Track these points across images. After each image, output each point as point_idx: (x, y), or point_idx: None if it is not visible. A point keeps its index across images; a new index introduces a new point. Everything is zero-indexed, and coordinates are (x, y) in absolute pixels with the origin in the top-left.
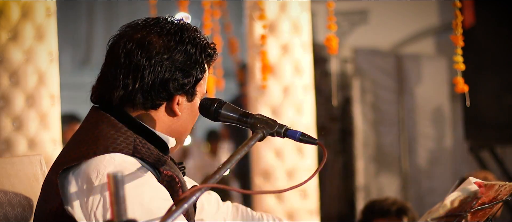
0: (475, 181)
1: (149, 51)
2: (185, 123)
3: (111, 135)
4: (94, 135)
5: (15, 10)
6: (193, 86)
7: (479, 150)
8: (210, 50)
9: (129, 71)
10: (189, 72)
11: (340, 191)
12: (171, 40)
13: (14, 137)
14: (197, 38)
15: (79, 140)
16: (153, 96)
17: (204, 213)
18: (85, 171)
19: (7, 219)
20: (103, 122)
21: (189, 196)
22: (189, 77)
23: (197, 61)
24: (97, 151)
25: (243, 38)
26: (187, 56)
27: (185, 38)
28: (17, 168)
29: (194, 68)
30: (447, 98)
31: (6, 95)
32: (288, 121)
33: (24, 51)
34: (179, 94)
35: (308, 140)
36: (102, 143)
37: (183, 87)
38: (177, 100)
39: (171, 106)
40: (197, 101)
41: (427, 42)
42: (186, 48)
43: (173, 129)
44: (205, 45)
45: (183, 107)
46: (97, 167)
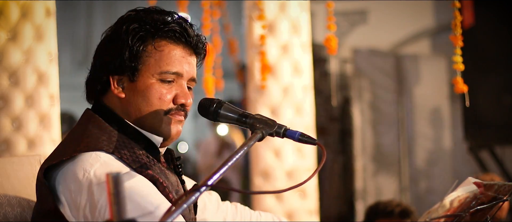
0: (474, 181)
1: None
2: (136, 106)
3: (94, 134)
4: (80, 135)
5: (14, 10)
6: (129, 64)
7: (478, 150)
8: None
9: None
10: (115, 50)
11: (340, 191)
12: (112, 26)
13: (14, 137)
14: (134, 16)
15: (67, 141)
16: (95, 83)
17: (206, 212)
18: (72, 170)
19: (6, 219)
20: (90, 122)
21: (189, 196)
22: (117, 56)
23: (125, 37)
24: (82, 149)
25: (243, 39)
26: (115, 35)
27: (123, 19)
28: (16, 168)
29: (121, 45)
30: (447, 98)
31: (5, 95)
32: (287, 121)
33: (23, 51)
34: (113, 74)
35: (307, 140)
36: (85, 141)
37: (114, 67)
38: (113, 81)
39: (111, 89)
40: (145, 82)
41: (426, 42)
42: (117, 28)
43: (128, 113)
44: (143, 21)
45: (127, 88)
46: (83, 165)
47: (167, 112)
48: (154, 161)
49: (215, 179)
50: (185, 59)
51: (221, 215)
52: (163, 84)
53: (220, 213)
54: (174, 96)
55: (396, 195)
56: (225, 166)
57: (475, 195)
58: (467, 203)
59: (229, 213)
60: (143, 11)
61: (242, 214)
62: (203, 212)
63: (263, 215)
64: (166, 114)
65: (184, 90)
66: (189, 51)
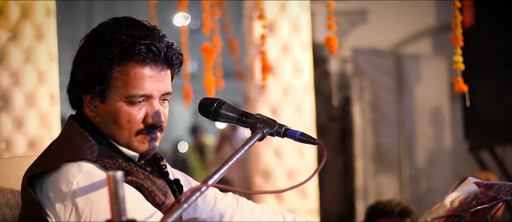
0: (475, 181)
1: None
2: (107, 127)
3: (77, 143)
4: (63, 144)
5: (14, 10)
6: (98, 85)
7: (478, 150)
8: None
9: None
10: (85, 70)
11: (340, 191)
12: (84, 40)
13: (14, 137)
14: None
15: (51, 149)
16: (72, 98)
17: (198, 210)
18: (56, 181)
19: (5, 220)
20: (73, 131)
21: (189, 196)
22: (85, 76)
23: (94, 58)
24: (65, 159)
25: (243, 38)
26: (85, 53)
27: (94, 36)
28: (15, 169)
29: (90, 66)
30: (447, 98)
31: (6, 94)
32: (287, 121)
33: (23, 50)
34: (85, 94)
35: (307, 140)
36: (68, 150)
37: (83, 87)
38: (86, 100)
39: (84, 107)
40: (114, 104)
41: (426, 42)
42: (87, 46)
43: (103, 130)
44: (112, 42)
45: (99, 108)
46: (66, 177)
47: (138, 133)
48: (136, 167)
49: (215, 179)
50: (153, 79)
51: (217, 212)
52: (132, 106)
53: (216, 210)
54: (144, 117)
55: (396, 194)
56: (226, 165)
57: (476, 195)
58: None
59: (227, 209)
60: (110, 30)
61: (243, 209)
62: (194, 210)
63: (266, 210)
64: (138, 134)
65: (154, 110)
66: (159, 68)
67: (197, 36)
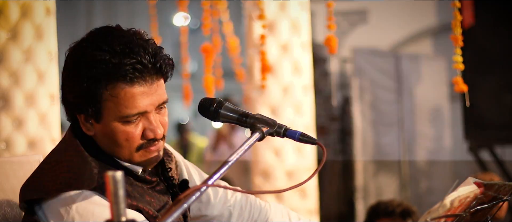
0: (475, 181)
1: (63, 67)
2: (105, 145)
3: (76, 167)
4: (62, 166)
5: (14, 9)
6: (91, 106)
7: (478, 150)
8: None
9: None
10: (76, 91)
11: (340, 190)
12: (72, 54)
13: (14, 136)
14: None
15: (50, 167)
16: (66, 113)
17: (209, 207)
18: (54, 208)
19: (5, 219)
20: (72, 148)
21: (189, 196)
22: (77, 98)
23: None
24: (63, 188)
25: (243, 38)
26: (74, 72)
27: (81, 52)
28: (16, 168)
29: (80, 87)
30: (446, 98)
31: (5, 94)
32: (287, 121)
33: (23, 50)
34: (79, 113)
35: (307, 140)
36: (66, 177)
37: (76, 107)
38: (80, 118)
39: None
40: (110, 125)
41: (426, 42)
42: (77, 63)
43: (103, 147)
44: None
45: (95, 127)
46: (65, 202)
47: (139, 149)
48: (138, 186)
49: (215, 179)
50: (145, 94)
51: (227, 210)
52: (128, 124)
53: (226, 207)
54: (142, 132)
55: (396, 194)
56: (226, 165)
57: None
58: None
59: (237, 207)
60: (91, 49)
61: (252, 207)
62: (206, 207)
63: (273, 208)
64: (139, 150)
65: (152, 125)
66: (149, 81)
67: (197, 36)
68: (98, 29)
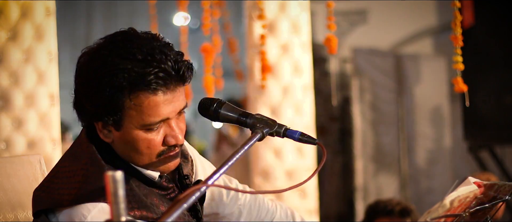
0: (475, 181)
1: (78, 70)
2: (125, 152)
3: (93, 177)
4: (77, 175)
5: (14, 9)
6: (111, 115)
7: (478, 150)
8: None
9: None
10: (96, 100)
11: (339, 190)
12: (91, 59)
13: (14, 136)
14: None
15: (65, 173)
16: (81, 119)
17: (221, 205)
18: (70, 216)
19: (6, 219)
20: (87, 154)
21: (189, 196)
22: (97, 107)
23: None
24: (79, 199)
25: (243, 38)
26: (95, 80)
27: (101, 59)
28: (17, 168)
29: (101, 96)
30: (446, 98)
31: (5, 94)
32: (287, 121)
33: (23, 50)
34: (97, 121)
35: (307, 140)
36: (83, 188)
37: (95, 116)
38: (98, 126)
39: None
40: (132, 133)
41: (426, 42)
42: (97, 70)
43: (121, 154)
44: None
45: (114, 135)
46: (81, 211)
47: (159, 155)
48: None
49: (215, 179)
50: (168, 102)
51: (237, 209)
52: (150, 132)
53: (237, 206)
54: (163, 139)
55: (396, 194)
56: (226, 165)
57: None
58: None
59: (246, 206)
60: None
61: (260, 206)
62: (218, 205)
63: (278, 209)
64: (159, 157)
65: (173, 132)
66: (172, 89)
67: (196, 36)
68: (116, 35)
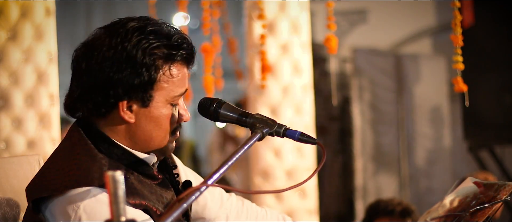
0: (475, 181)
1: (91, 53)
2: (148, 130)
3: (85, 165)
4: (70, 164)
5: (14, 9)
6: (143, 91)
7: (478, 150)
8: (167, 50)
9: (74, 77)
10: (130, 75)
11: (339, 190)
12: (115, 40)
13: (13, 136)
14: (146, 38)
15: (57, 165)
16: (96, 103)
17: (207, 210)
18: (62, 207)
19: (5, 219)
20: (79, 145)
21: (188, 196)
22: (132, 81)
23: (141, 63)
24: (73, 185)
25: (242, 38)
26: (128, 57)
27: (132, 38)
28: (16, 168)
29: (137, 71)
30: (446, 98)
31: (5, 94)
32: (287, 120)
33: (23, 50)
34: (124, 99)
35: (307, 139)
36: (76, 174)
37: (126, 92)
38: (123, 106)
39: (119, 113)
40: (158, 107)
41: (426, 42)
42: (128, 48)
43: (134, 137)
44: (156, 45)
45: (138, 114)
46: (73, 201)
47: (172, 133)
48: (146, 184)
49: (215, 179)
50: (187, 74)
51: (223, 213)
52: (172, 107)
53: (222, 210)
54: (178, 117)
55: (396, 194)
56: (225, 165)
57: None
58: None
59: (233, 211)
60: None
61: (248, 211)
62: (203, 210)
63: (269, 213)
64: (172, 134)
65: (183, 106)
66: (189, 67)
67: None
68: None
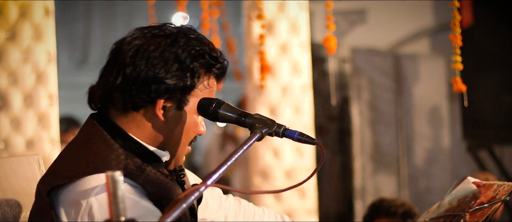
0: (474, 181)
1: (137, 48)
2: (174, 133)
3: (102, 153)
4: (86, 153)
5: (13, 9)
6: (182, 93)
7: (477, 150)
8: (209, 60)
9: (113, 67)
10: (175, 76)
11: (338, 190)
12: (163, 41)
13: (12, 137)
14: (193, 45)
15: (72, 156)
16: (134, 95)
17: (208, 211)
18: (74, 192)
19: (5, 219)
20: (96, 136)
21: (188, 196)
22: (175, 82)
23: (187, 67)
24: (86, 170)
25: (241, 38)
26: (176, 59)
27: (180, 41)
28: (15, 168)
29: (182, 74)
30: (445, 98)
31: (4, 95)
32: (286, 121)
33: (22, 50)
34: (164, 98)
35: (306, 139)
36: (93, 162)
37: (167, 91)
38: (160, 104)
39: (154, 110)
40: (189, 113)
41: (425, 42)
42: (177, 51)
43: (158, 137)
44: (202, 53)
45: (170, 114)
46: (85, 187)
47: (190, 142)
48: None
49: (214, 179)
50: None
51: (222, 213)
52: (198, 119)
53: (221, 210)
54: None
55: (395, 194)
56: (224, 165)
57: (474, 194)
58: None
59: (231, 210)
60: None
61: (245, 211)
62: (204, 211)
63: (266, 212)
64: (190, 143)
65: (202, 121)
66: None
67: None
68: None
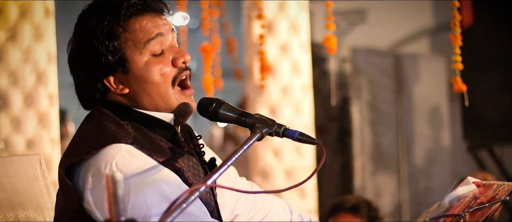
0: (474, 181)
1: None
2: (143, 93)
3: (111, 128)
4: (96, 130)
5: (13, 9)
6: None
7: (477, 150)
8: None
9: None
10: (93, 57)
11: (338, 190)
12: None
13: (13, 136)
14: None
15: (83, 136)
16: (91, 93)
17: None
18: (93, 164)
19: (6, 218)
20: (103, 116)
21: (188, 196)
22: (98, 61)
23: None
24: (101, 143)
25: (242, 38)
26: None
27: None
28: (17, 167)
29: (95, 50)
30: (445, 98)
31: (4, 94)
32: (286, 120)
33: (22, 50)
34: (105, 78)
35: (306, 139)
36: (102, 136)
37: (98, 73)
38: (109, 82)
39: (112, 91)
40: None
41: (425, 42)
42: (79, 36)
43: (139, 102)
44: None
45: (125, 82)
46: (104, 158)
47: (173, 82)
48: (172, 146)
49: (214, 178)
50: (156, 20)
51: (235, 197)
52: (156, 59)
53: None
54: (172, 61)
55: (395, 194)
56: (224, 165)
57: (474, 194)
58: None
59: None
60: (92, 7)
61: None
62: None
63: (276, 200)
64: (174, 84)
65: (176, 49)
66: (156, 14)
67: (196, 36)
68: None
